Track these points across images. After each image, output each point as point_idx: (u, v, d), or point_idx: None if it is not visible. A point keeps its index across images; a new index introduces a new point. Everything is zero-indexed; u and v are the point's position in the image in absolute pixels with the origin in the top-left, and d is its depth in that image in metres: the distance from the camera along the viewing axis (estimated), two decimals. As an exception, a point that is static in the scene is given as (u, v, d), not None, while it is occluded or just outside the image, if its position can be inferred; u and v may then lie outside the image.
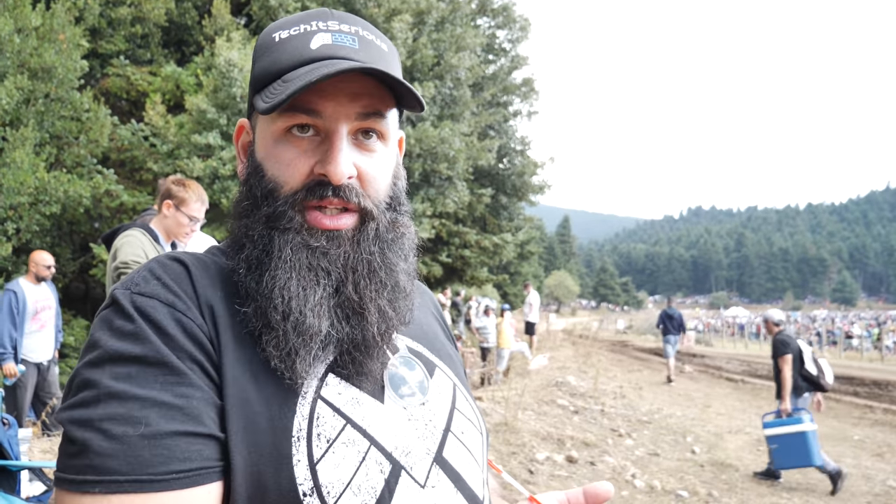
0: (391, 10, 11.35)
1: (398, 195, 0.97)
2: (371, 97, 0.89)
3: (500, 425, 8.73)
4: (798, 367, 7.71)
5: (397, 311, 0.93)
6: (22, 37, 8.52)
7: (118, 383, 0.73)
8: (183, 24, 12.95)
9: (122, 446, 0.70)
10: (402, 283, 0.94)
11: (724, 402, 13.61)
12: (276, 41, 0.93)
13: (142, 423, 0.71)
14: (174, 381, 0.75)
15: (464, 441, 0.96)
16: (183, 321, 0.79)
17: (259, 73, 0.92)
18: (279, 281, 0.84)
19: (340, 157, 0.86)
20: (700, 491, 6.82)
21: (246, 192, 0.92)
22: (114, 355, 0.75)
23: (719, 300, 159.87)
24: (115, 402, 0.72)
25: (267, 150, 0.91)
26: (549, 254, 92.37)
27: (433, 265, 14.77)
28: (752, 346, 33.71)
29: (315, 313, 0.84)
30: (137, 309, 0.79)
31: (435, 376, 1.00)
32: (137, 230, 3.45)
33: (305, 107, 0.86)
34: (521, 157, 17.65)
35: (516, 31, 18.32)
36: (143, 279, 0.83)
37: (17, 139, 8.22)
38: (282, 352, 0.82)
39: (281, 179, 0.88)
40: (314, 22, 0.93)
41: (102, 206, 9.94)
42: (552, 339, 26.77)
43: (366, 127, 0.90)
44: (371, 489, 0.81)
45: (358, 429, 0.84)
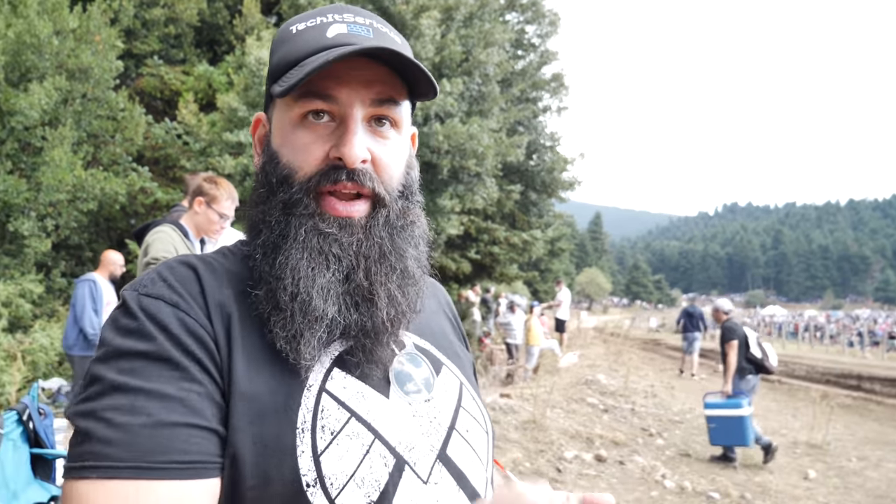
0: (419, 6, 11.35)
1: (410, 184, 0.99)
2: (384, 84, 0.91)
3: (528, 423, 8.70)
4: (744, 352, 8.26)
5: (406, 297, 0.94)
6: (60, 39, 8.72)
7: (122, 377, 0.76)
8: (215, 24, 13.13)
9: (124, 434, 0.72)
10: (411, 268, 0.95)
11: (758, 403, 13.30)
12: (293, 33, 0.95)
13: (144, 413, 0.73)
14: (177, 375, 0.77)
15: (468, 440, 0.96)
16: (186, 321, 0.82)
17: (276, 63, 0.95)
18: (291, 261, 0.87)
19: (355, 140, 0.87)
20: (732, 493, 6.70)
21: (262, 180, 0.94)
22: (119, 351, 0.78)
23: (756, 299, 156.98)
24: (119, 394, 0.74)
25: (283, 137, 0.93)
26: (581, 251, 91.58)
27: (462, 262, 14.75)
28: (790, 345, 33.05)
29: (321, 296, 0.86)
30: (143, 309, 0.81)
31: (441, 374, 1.01)
32: (168, 226, 3.49)
33: (321, 92, 0.88)
34: (550, 153, 17.50)
35: (545, 25, 18.17)
36: (150, 281, 0.86)
37: (56, 138, 8.42)
38: (287, 333, 0.84)
39: (296, 165, 0.90)
40: (330, 14, 0.96)
41: (137, 202, 10.13)
42: (583, 337, 26.54)
43: (380, 114, 0.92)
44: (375, 482, 0.82)
45: (362, 422, 0.85)
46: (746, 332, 8.43)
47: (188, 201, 3.69)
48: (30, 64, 8.35)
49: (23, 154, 8.54)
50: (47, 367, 7.16)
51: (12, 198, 7.96)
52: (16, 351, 6.74)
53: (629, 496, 6.40)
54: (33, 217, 8.37)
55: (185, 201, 4.27)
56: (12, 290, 7.68)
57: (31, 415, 3.11)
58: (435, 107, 11.36)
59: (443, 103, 11.41)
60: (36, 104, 8.01)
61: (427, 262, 1.01)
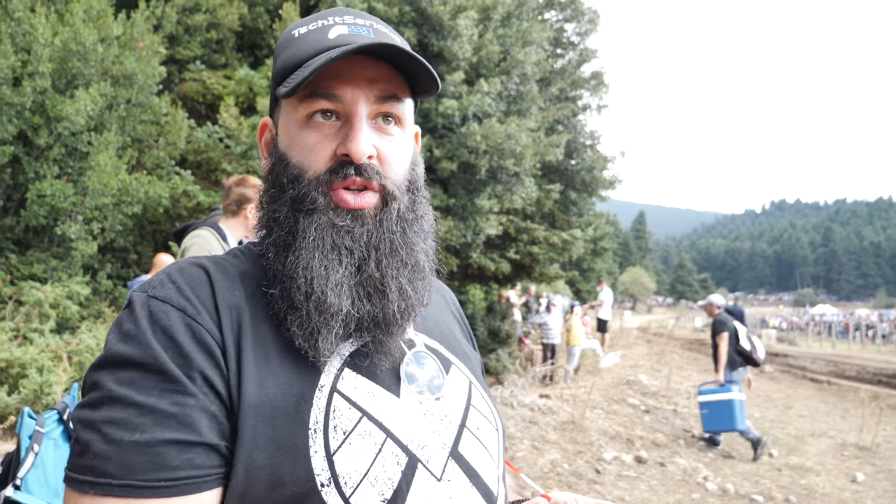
0: (456, 7, 11.33)
1: (416, 180, 1.00)
2: (387, 82, 0.93)
3: (568, 423, 8.66)
4: (734, 344, 8.82)
5: (416, 290, 0.95)
6: (105, 46, 8.92)
7: (121, 388, 0.77)
8: (255, 29, 13.30)
9: (118, 450, 0.74)
10: (421, 262, 0.97)
11: (806, 404, 13.09)
12: (295, 37, 0.97)
13: (137, 430, 0.75)
14: (170, 388, 0.78)
15: (479, 437, 0.98)
16: (192, 326, 0.82)
17: (280, 66, 0.96)
18: (302, 261, 0.88)
19: (361, 136, 0.89)
20: (776, 496, 6.59)
21: (272, 181, 0.96)
22: (117, 358, 0.80)
23: (805, 297, 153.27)
24: (117, 407, 0.76)
25: (290, 138, 0.95)
26: (624, 250, 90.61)
27: (501, 262, 14.70)
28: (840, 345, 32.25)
29: (336, 292, 0.88)
30: (149, 313, 0.83)
31: (451, 373, 1.02)
32: (206, 230, 3.54)
33: (325, 92, 0.91)
34: (590, 151, 17.33)
35: (585, 23, 17.98)
36: (160, 283, 0.87)
37: (101, 143, 8.62)
38: (305, 331, 0.86)
39: (305, 164, 0.92)
40: (331, 17, 0.98)
41: (180, 205, 10.31)
42: (626, 337, 26.32)
43: (384, 111, 0.94)
44: (388, 480, 0.82)
45: (374, 421, 0.86)
46: (737, 326, 8.97)
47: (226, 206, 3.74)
48: (76, 71, 8.56)
49: (69, 159, 8.76)
50: (93, 367, 7.33)
51: (60, 202, 8.17)
52: (63, 352, 6.90)
53: (670, 498, 6.32)
54: (80, 220, 8.58)
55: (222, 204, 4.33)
56: (60, 292, 7.88)
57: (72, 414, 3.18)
58: (473, 107, 11.33)
59: (480, 103, 11.38)
60: (82, 110, 8.21)
61: (435, 256, 1.03)
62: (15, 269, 8.40)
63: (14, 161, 8.46)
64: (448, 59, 11.51)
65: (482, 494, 0.92)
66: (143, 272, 10.91)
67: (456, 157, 11.52)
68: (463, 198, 12.17)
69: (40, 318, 7.61)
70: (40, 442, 2.96)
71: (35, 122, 8.24)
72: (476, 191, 12.30)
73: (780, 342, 32.90)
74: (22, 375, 6.43)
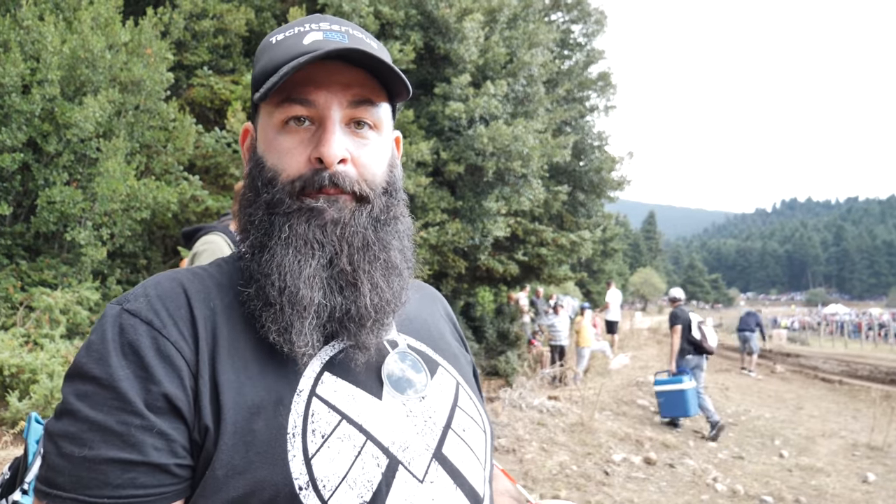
0: (462, 9, 11.35)
1: (394, 182, 1.01)
2: (362, 87, 0.95)
3: (576, 425, 8.64)
4: (686, 335, 9.59)
5: (391, 286, 0.96)
6: (113, 52, 8.98)
7: (77, 401, 0.80)
8: (262, 34, 13.32)
9: (68, 465, 0.78)
10: (394, 259, 0.97)
11: (817, 405, 13.00)
12: (272, 43, 0.99)
13: (86, 446, 0.78)
14: (119, 406, 0.80)
15: (465, 438, 0.98)
16: (157, 339, 0.84)
17: (258, 72, 0.98)
18: (277, 258, 0.90)
19: (333, 140, 0.91)
20: (786, 497, 6.54)
21: (249, 184, 0.98)
22: (80, 372, 0.83)
23: (817, 297, 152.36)
24: (71, 420, 0.80)
25: (266, 143, 0.97)
26: (634, 251, 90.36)
27: (509, 263, 14.69)
28: (853, 344, 32.00)
29: (307, 285, 0.89)
30: (119, 325, 0.85)
31: (437, 374, 1.03)
32: (219, 235, 3.52)
33: (300, 97, 0.92)
34: (598, 152, 17.31)
35: (591, 24, 17.97)
36: (134, 296, 0.89)
37: (110, 149, 8.66)
38: (279, 325, 0.87)
39: (279, 167, 0.94)
40: (307, 24, 1.00)
41: (189, 210, 10.35)
42: (636, 338, 26.22)
43: (358, 116, 0.95)
44: (367, 482, 0.83)
45: (353, 424, 0.87)
46: (691, 317, 9.70)
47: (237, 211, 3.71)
48: (84, 78, 8.61)
49: (78, 165, 8.81)
50: (103, 372, 7.36)
51: (69, 208, 8.21)
52: (73, 357, 6.93)
53: (679, 500, 6.30)
54: (89, 226, 8.62)
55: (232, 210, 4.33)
56: (70, 298, 7.93)
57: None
58: (479, 109, 11.34)
59: (487, 105, 11.39)
60: (90, 117, 8.26)
61: (413, 258, 1.03)
62: (25, 275, 8.46)
63: (24, 168, 8.52)
64: (454, 62, 11.53)
65: (467, 496, 0.92)
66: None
67: (463, 160, 11.53)
68: (470, 200, 12.18)
69: (50, 323, 7.66)
70: (47, 447, 2.98)
71: (44, 130, 8.30)
72: (483, 193, 12.31)
73: (792, 342, 32.68)
74: (32, 381, 6.47)
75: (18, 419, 6.11)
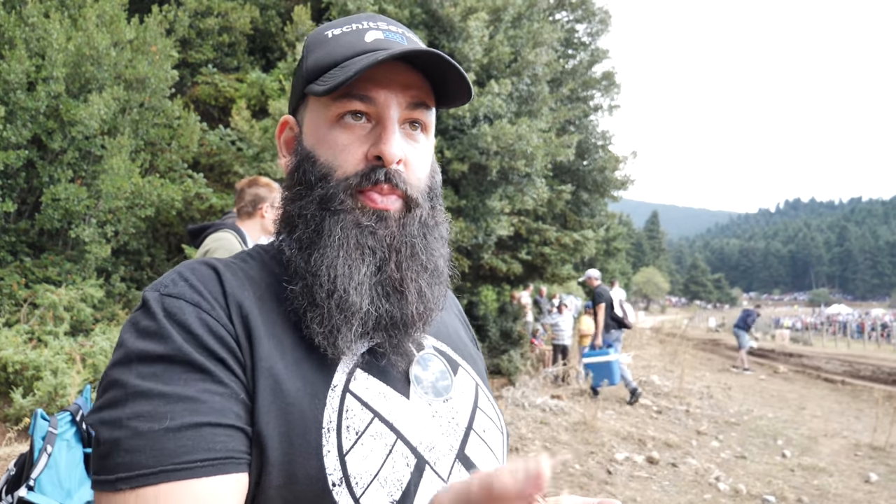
0: (467, 8, 11.34)
1: (435, 187, 1.01)
2: (419, 89, 0.95)
3: (579, 424, 8.63)
4: (609, 312, 10.76)
5: (434, 294, 0.96)
6: (118, 50, 9.00)
7: (144, 382, 0.77)
8: (267, 32, 13.36)
9: (149, 441, 0.73)
10: (440, 267, 0.98)
11: (820, 404, 12.97)
12: (329, 37, 0.98)
13: (167, 418, 0.74)
14: (197, 377, 0.78)
15: (485, 439, 0.98)
16: (207, 320, 0.83)
17: (313, 64, 0.97)
18: (327, 259, 0.89)
19: (394, 139, 0.91)
20: (789, 496, 6.53)
21: (298, 178, 0.97)
22: (140, 354, 0.79)
23: (820, 297, 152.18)
24: (143, 400, 0.75)
25: (318, 137, 0.95)
26: (638, 250, 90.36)
27: (513, 262, 14.69)
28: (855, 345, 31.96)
29: (358, 291, 0.89)
30: (164, 309, 0.83)
31: (458, 375, 1.03)
32: (229, 232, 3.52)
33: (360, 93, 0.91)
34: (602, 152, 17.30)
35: (596, 24, 17.95)
36: (171, 281, 0.87)
37: (115, 147, 8.68)
38: (325, 328, 0.87)
39: (335, 164, 0.93)
40: (365, 21, 0.99)
41: (193, 208, 10.37)
42: (638, 338, 26.19)
43: (413, 117, 0.95)
44: (397, 481, 0.83)
45: (385, 422, 0.87)
46: (612, 295, 10.86)
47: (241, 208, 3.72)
48: (89, 75, 8.63)
49: (83, 163, 8.83)
50: (107, 369, 7.38)
51: (73, 205, 8.23)
52: (77, 354, 6.96)
53: (681, 499, 6.29)
54: (94, 224, 8.64)
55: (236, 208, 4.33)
56: (74, 295, 7.95)
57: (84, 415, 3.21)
58: (483, 108, 11.33)
59: (491, 104, 11.38)
60: (95, 114, 8.28)
61: (450, 263, 1.04)
62: (30, 272, 8.48)
63: (29, 165, 8.54)
64: (459, 61, 11.51)
65: None
66: (156, 274, 10.99)
67: (467, 159, 11.52)
68: (474, 199, 12.17)
69: (54, 320, 7.67)
70: (53, 443, 2.98)
71: (49, 127, 8.32)
72: (487, 192, 12.30)
73: (795, 342, 32.65)
74: (36, 378, 6.49)
75: (22, 416, 6.13)
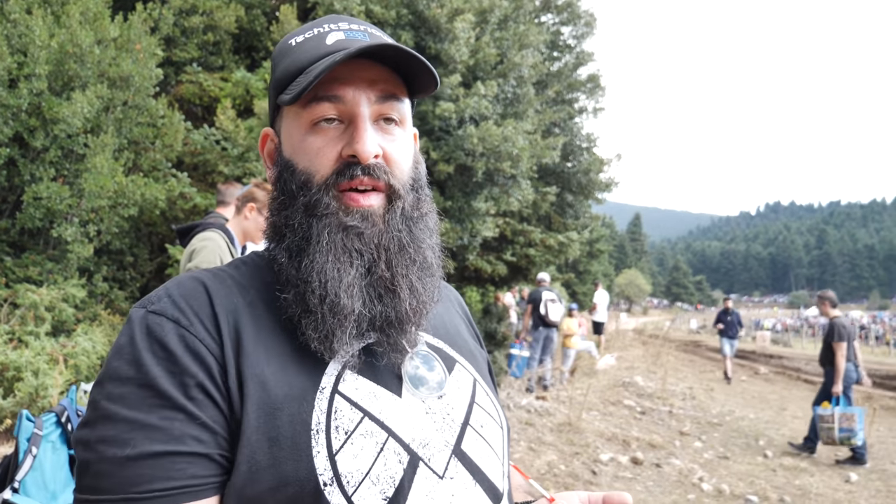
0: (454, 9, 11.33)
1: (419, 178, 1.02)
2: (387, 82, 0.95)
3: (564, 425, 8.67)
4: (536, 312, 11.76)
5: (426, 288, 0.97)
6: (101, 48, 8.89)
7: (112, 405, 0.80)
8: (252, 31, 13.29)
9: (112, 467, 0.77)
10: (429, 259, 0.99)
11: (800, 405, 13.12)
12: (293, 45, 0.99)
13: (129, 445, 0.77)
14: (159, 403, 0.80)
15: (483, 434, 0.98)
16: (186, 337, 0.84)
17: (280, 75, 0.98)
18: (317, 265, 0.90)
19: (366, 136, 0.91)
20: (771, 496, 6.60)
21: (281, 188, 0.98)
22: (112, 375, 0.82)
23: (799, 299, 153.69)
24: (109, 424, 0.79)
25: (295, 145, 0.96)
26: (620, 252, 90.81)
27: (497, 264, 14.71)
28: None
29: (348, 294, 0.89)
30: (146, 327, 0.85)
31: (454, 371, 1.03)
32: (216, 232, 3.50)
33: (327, 94, 0.92)
34: (586, 154, 17.38)
35: (581, 26, 18.03)
36: (157, 297, 0.89)
37: (98, 145, 8.58)
38: (320, 333, 0.88)
39: (312, 169, 0.93)
40: (326, 24, 1.00)
41: (177, 207, 10.28)
42: (621, 339, 26.35)
43: (385, 112, 0.95)
44: (390, 479, 0.84)
45: (375, 421, 0.87)
46: (543, 296, 11.71)
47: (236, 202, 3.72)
48: (72, 73, 8.53)
49: (65, 161, 8.72)
50: (89, 370, 7.29)
51: (56, 204, 8.14)
52: (59, 355, 6.88)
53: (666, 499, 6.34)
54: (76, 223, 8.54)
55: (219, 209, 4.30)
56: (56, 295, 7.84)
57: (70, 417, 3.17)
58: (469, 110, 11.34)
59: (477, 106, 11.39)
60: (78, 112, 8.17)
61: (441, 253, 1.04)
62: (10, 272, 8.37)
63: (10, 163, 8.42)
64: (445, 62, 11.51)
65: (486, 491, 0.93)
66: (139, 274, 10.89)
67: (453, 160, 11.52)
68: (459, 200, 12.18)
69: (35, 320, 7.57)
70: (38, 444, 2.95)
71: (31, 125, 8.21)
72: (473, 193, 12.31)
73: (775, 344, 32.94)
74: (17, 378, 6.40)
75: (2, 417, 6.04)
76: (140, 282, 10.97)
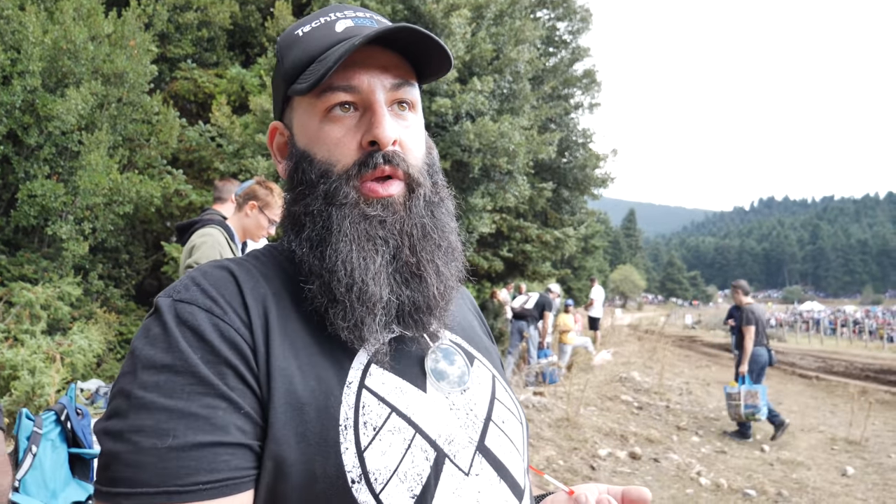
0: (449, 5, 11.30)
1: (433, 163, 1.02)
2: (399, 68, 0.94)
3: (562, 420, 8.67)
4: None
5: (451, 271, 0.97)
6: (95, 44, 8.84)
7: (147, 393, 0.76)
8: (247, 27, 13.22)
9: (152, 459, 0.73)
10: (453, 242, 0.98)
11: (796, 400, 13.17)
12: (300, 35, 0.97)
13: (169, 435, 0.73)
14: (201, 391, 0.77)
15: (505, 430, 0.98)
16: (220, 326, 0.82)
17: (290, 65, 0.96)
18: (341, 254, 0.88)
19: (385, 122, 0.90)
20: (769, 490, 6.62)
21: (299, 179, 0.96)
22: (146, 363, 0.78)
23: (793, 294, 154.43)
24: (145, 413, 0.75)
25: (310, 136, 0.94)
26: (615, 248, 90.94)
27: (494, 260, 14.71)
28: (828, 341, 32.45)
29: (376, 281, 0.88)
30: (176, 315, 0.82)
31: (475, 367, 1.02)
32: (216, 228, 3.49)
33: (343, 84, 0.90)
34: (582, 150, 17.38)
35: (577, 22, 18.01)
36: (184, 286, 0.86)
37: (92, 142, 8.53)
38: (349, 322, 0.87)
39: (333, 159, 0.92)
40: (332, 13, 0.99)
41: (172, 205, 10.24)
42: (617, 335, 26.40)
43: (399, 97, 0.94)
44: (417, 476, 0.82)
45: (403, 417, 0.86)
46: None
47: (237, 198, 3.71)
48: (66, 70, 8.47)
49: (60, 159, 8.67)
50: (85, 368, 7.26)
51: (50, 202, 8.09)
52: (55, 353, 6.84)
53: (664, 493, 6.35)
54: (71, 220, 8.49)
55: (215, 205, 4.28)
56: (51, 293, 7.80)
57: (69, 415, 3.15)
58: (466, 105, 11.31)
59: (473, 101, 11.37)
60: (72, 109, 8.13)
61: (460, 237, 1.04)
62: (5, 270, 8.32)
63: (4, 161, 8.38)
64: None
65: (510, 487, 0.92)
66: (135, 272, 10.84)
67: (449, 156, 11.49)
68: (456, 196, 12.11)
69: (31, 319, 7.53)
70: (38, 443, 2.93)
71: (25, 122, 8.15)
72: (469, 189, 12.29)
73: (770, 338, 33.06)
74: (13, 377, 6.36)
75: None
76: (135, 279, 10.92)
